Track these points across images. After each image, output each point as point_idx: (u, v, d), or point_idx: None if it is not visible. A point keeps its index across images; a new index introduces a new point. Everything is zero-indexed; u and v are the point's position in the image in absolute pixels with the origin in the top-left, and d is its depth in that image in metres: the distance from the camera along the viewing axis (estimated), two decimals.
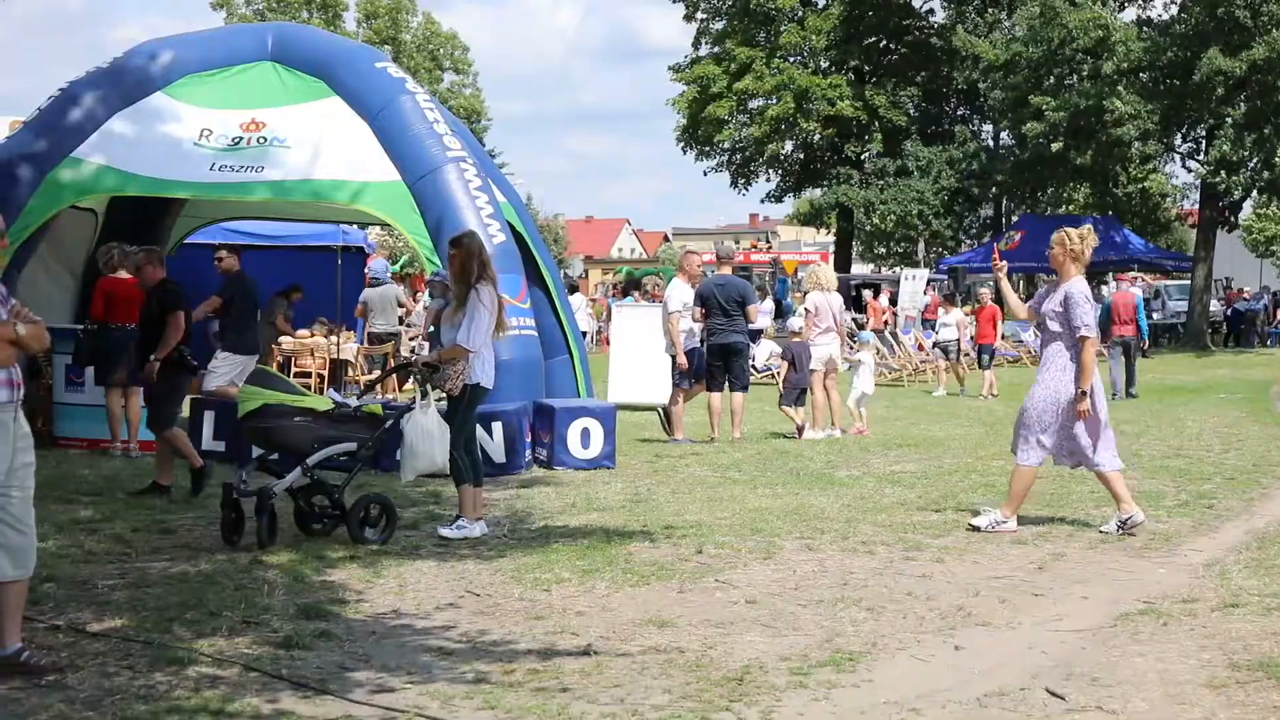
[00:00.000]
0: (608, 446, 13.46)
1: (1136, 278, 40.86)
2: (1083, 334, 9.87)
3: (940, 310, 28.02)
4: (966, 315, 26.83)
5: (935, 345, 27.30)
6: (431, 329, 16.56)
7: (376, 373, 18.78)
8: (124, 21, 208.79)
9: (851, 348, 19.49)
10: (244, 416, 9.51)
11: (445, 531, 9.61)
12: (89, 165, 14.57)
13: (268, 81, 15.27)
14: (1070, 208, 54.56)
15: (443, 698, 5.85)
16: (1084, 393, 9.82)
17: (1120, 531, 9.82)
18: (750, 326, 16.64)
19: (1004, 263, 11.07)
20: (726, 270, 16.75)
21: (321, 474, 9.48)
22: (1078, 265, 10.12)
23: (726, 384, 16.01)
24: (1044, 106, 39.70)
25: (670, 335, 15.97)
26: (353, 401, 10.14)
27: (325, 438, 9.36)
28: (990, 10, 51.22)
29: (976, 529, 9.94)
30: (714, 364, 15.91)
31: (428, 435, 9.32)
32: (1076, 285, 10.03)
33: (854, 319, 32.88)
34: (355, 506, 9.38)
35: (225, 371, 14.04)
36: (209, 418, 13.56)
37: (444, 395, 9.72)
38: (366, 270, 22.59)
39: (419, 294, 27.80)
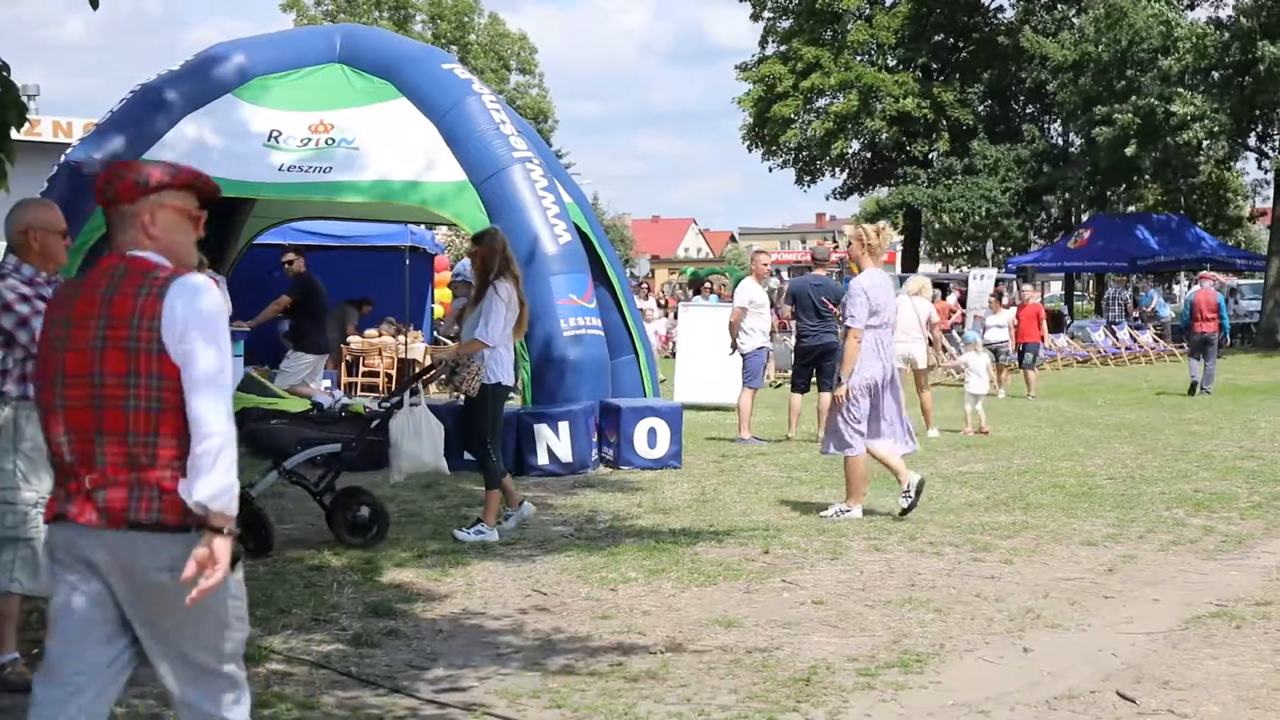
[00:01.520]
0: (674, 446, 13.46)
1: (1209, 277, 40.36)
2: (847, 324, 10.23)
3: (988, 310, 27.44)
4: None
5: (985, 346, 26.89)
6: (456, 328, 16.62)
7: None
8: (198, 23, 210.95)
9: (959, 350, 19.29)
10: None
11: (461, 535, 9.48)
12: None
13: (336, 83, 15.37)
14: (1140, 206, 53.96)
15: (510, 696, 5.88)
16: (839, 380, 10.24)
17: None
18: None
19: None
20: (821, 271, 16.67)
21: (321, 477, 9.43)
22: (873, 259, 10.40)
23: (814, 384, 15.97)
24: (1114, 112, 39.14)
25: (731, 331, 15.98)
26: (341, 402, 10.13)
27: (306, 439, 9.31)
28: (1059, 7, 50.76)
29: (824, 518, 10.33)
30: (803, 365, 15.89)
31: (414, 434, 9.24)
32: (862, 279, 10.33)
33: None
34: (337, 506, 9.29)
35: (297, 371, 14.21)
36: None
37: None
38: (453, 273, 22.74)
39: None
